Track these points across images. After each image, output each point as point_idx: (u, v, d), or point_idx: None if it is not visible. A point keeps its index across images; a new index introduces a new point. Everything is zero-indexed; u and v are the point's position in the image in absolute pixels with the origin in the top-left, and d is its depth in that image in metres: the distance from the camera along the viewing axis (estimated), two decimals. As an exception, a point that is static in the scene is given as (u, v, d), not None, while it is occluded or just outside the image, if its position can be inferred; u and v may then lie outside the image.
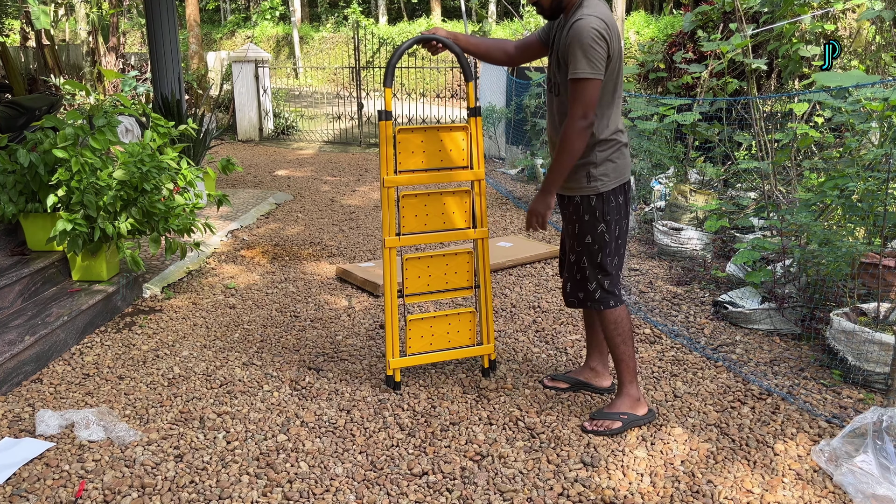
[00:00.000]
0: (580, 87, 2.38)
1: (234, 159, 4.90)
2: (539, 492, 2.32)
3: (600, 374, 2.96)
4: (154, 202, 3.85)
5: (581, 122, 2.41)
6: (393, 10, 24.87)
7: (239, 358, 3.35)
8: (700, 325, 3.69)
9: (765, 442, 2.59)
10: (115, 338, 3.59)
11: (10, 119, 4.61)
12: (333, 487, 2.35)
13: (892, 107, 3.50)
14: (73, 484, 2.37)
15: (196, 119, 6.98)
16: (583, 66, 2.36)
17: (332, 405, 2.89)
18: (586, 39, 2.34)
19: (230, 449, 2.58)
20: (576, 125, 2.42)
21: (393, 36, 19.27)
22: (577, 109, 2.41)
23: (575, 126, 2.42)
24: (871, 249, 3.26)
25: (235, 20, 24.28)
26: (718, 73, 6.47)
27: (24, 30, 14.91)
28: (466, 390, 3.01)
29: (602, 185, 2.54)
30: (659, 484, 2.36)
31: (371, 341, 3.54)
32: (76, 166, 3.57)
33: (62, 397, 2.97)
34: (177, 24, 6.47)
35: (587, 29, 2.35)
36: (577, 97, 2.40)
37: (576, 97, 2.41)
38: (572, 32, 2.39)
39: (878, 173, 3.36)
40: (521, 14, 17.50)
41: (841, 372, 3.07)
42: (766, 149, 4.81)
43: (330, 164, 9.17)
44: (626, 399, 2.69)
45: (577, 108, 2.41)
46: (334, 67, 17.74)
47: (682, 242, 4.76)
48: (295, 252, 5.10)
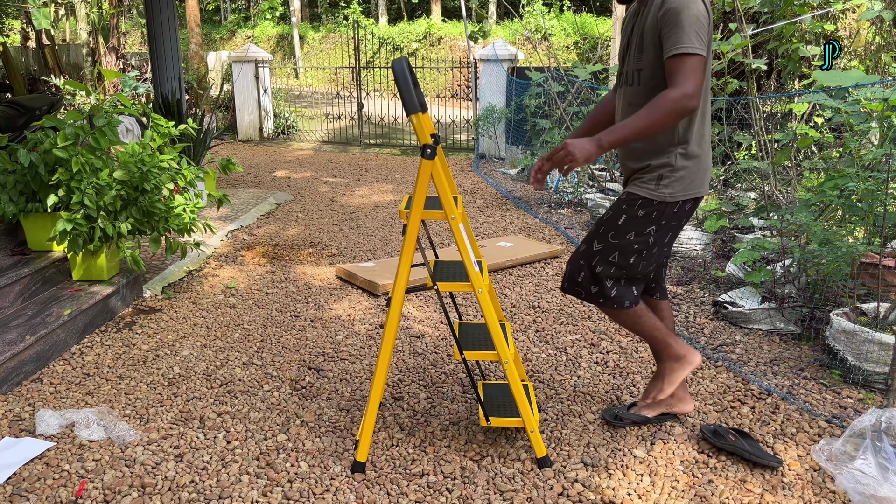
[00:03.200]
0: (687, 62, 2.03)
1: (234, 159, 4.90)
2: (539, 492, 2.32)
3: (682, 399, 2.67)
4: (154, 202, 3.85)
5: (684, 101, 2.04)
6: (393, 9, 24.87)
7: (239, 358, 3.35)
8: (700, 325, 3.69)
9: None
10: (116, 337, 3.59)
11: (10, 119, 4.62)
12: (333, 487, 2.35)
13: (892, 107, 3.50)
14: (73, 483, 2.37)
15: (196, 119, 6.99)
16: (690, 39, 2.03)
17: (332, 405, 2.89)
18: (693, 11, 2.05)
19: (230, 448, 2.58)
20: (677, 98, 2.03)
21: (393, 36, 19.27)
22: (686, 84, 2.04)
23: (676, 99, 2.04)
24: (871, 249, 3.27)
25: (235, 20, 24.28)
26: (718, 73, 6.47)
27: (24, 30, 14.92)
28: (466, 390, 3.01)
29: (671, 194, 2.25)
30: (659, 484, 2.36)
31: (371, 341, 3.55)
32: (76, 166, 3.58)
33: (62, 397, 2.97)
34: (177, 24, 6.47)
35: (693, 2, 2.06)
36: (683, 71, 2.04)
37: (682, 71, 2.05)
38: (673, 5, 2.07)
39: (878, 173, 3.36)
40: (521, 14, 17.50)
41: (841, 372, 3.07)
42: (766, 149, 4.81)
43: (330, 164, 9.17)
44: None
45: (686, 83, 2.04)
46: (334, 67, 17.74)
47: (682, 242, 4.76)
48: (295, 252, 5.10)
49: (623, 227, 2.30)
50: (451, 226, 2.28)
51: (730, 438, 2.50)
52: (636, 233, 2.29)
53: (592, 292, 2.38)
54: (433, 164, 2.24)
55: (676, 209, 2.28)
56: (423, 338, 3.57)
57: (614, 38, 9.46)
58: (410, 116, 2.21)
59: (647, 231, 2.28)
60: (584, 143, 2.10)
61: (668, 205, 2.26)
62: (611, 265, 2.33)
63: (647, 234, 2.28)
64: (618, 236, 2.30)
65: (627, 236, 2.29)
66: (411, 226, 2.29)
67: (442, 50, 18.69)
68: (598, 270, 2.34)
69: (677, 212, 2.29)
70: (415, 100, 2.19)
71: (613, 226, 2.31)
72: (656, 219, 2.27)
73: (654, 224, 2.28)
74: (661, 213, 2.27)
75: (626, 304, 2.38)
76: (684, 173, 2.25)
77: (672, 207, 2.27)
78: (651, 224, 2.28)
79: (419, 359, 3.33)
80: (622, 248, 2.31)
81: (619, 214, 2.31)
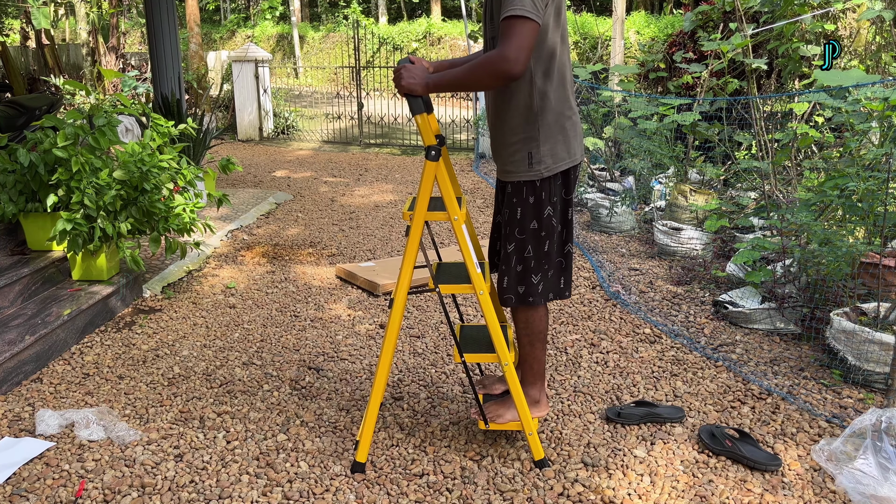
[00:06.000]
0: (512, 24, 1.99)
1: (234, 159, 4.90)
2: (539, 492, 2.32)
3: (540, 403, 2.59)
4: (154, 202, 3.85)
5: (500, 63, 2.00)
6: (393, 9, 24.86)
7: (239, 358, 3.35)
8: (700, 325, 3.69)
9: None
10: (115, 337, 3.59)
11: (10, 119, 4.62)
12: (333, 487, 2.35)
13: (892, 107, 3.50)
14: (73, 483, 2.37)
15: (196, 119, 6.99)
16: (523, 2, 1.98)
17: (332, 405, 2.89)
18: None
19: (230, 448, 2.58)
20: (498, 62, 2.00)
21: (393, 36, 19.27)
22: (506, 46, 1.99)
23: (497, 62, 2.00)
24: (871, 249, 3.26)
25: (235, 20, 24.27)
26: (718, 73, 6.48)
27: (24, 29, 14.91)
28: (466, 390, 3.01)
29: (546, 168, 2.26)
30: (659, 484, 2.36)
31: (371, 341, 3.54)
32: (76, 166, 3.57)
33: (62, 397, 2.97)
34: (177, 24, 6.47)
35: None
36: (506, 33, 2.00)
37: (505, 33, 2.00)
38: None
39: (878, 173, 3.36)
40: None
41: (841, 372, 3.07)
42: (766, 149, 4.81)
43: (330, 163, 9.17)
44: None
45: (506, 46, 1.99)
46: (334, 67, 17.73)
47: (682, 242, 4.76)
48: (295, 252, 5.10)
49: (523, 219, 2.31)
50: (453, 227, 2.28)
51: (727, 444, 2.51)
52: (536, 219, 2.31)
53: (520, 293, 2.38)
54: (437, 165, 2.24)
55: (559, 181, 2.31)
56: (424, 338, 3.57)
57: (614, 38, 9.45)
58: (415, 117, 2.21)
59: (544, 214, 2.30)
60: (418, 73, 2.18)
61: (548, 180, 2.28)
62: (528, 260, 2.34)
63: (546, 216, 2.31)
64: (524, 230, 2.32)
65: (531, 226, 2.31)
66: (415, 227, 2.29)
67: (442, 50, 18.68)
68: (518, 270, 2.36)
69: (561, 183, 2.32)
70: (420, 100, 2.20)
71: (515, 222, 2.33)
72: (546, 199, 2.29)
73: (547, 203, 2.30)
74: (547, 190, 2.29)
75: (551, 296, 2.39)
76: (551, 145, 2.26)
77: (555, 181, 2.29)
78: (545, 205, 2.30)
79: (419, 359, 3.33)
80: (531, 239, 2.33)
81: (515, 209, 2.32)
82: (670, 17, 15.22)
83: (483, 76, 2.06)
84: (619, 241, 5.37)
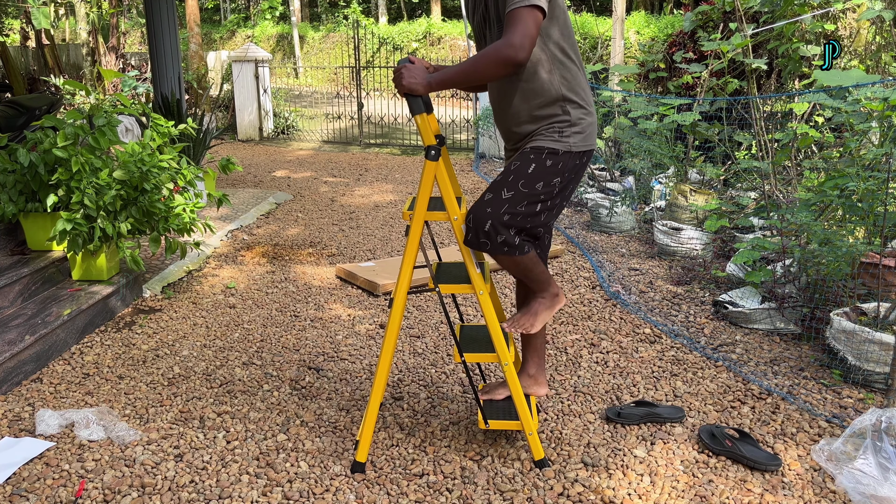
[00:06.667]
0: (517, 13, 2.03)
1: (234, 159, 4.90)
2: (539, 492, 2.32)
3: (539, 382, 2.63)
4: (154, 202, 3.85)
5: (506, 50, 2.03)
6: (393, 9, 24.86)
7: (239, 358, 3.35)
8: (700, 325, 3.69)
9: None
10: (115, 337, 3.59)
11: (10, 119, 4.62)
12: (333, 487, 2.35)
13: (892, 106, 3.50)
14: (73, 483, 2.37)
15: (196, 119, 6.98)
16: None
17: (332, 405, 2.89)
18: None
19: (230, 448, 2.58)
20: (503, 48, 2.03)
21: (393, 35, 19.27)
22: (511, 34, 2.03)
23: (502, 48, 2.04)
24: (871, 249, 3.27)
25: (235, 20, 24.27)
26: (718, 73, 6.48)
27: (24, 29, 14.92)
28: (466, 390, 3.01)
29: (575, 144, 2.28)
30: (659, 484, 2.36)
31: (371, 341, 3.55)
32: (76, 166, 3.57)
33: (62, 397, 2.97)
34: (177, 24, 6.47)
35: None
36: (511, 23, 2.04)
37: (510, 23, 2.04)
38: None
39: (878, 173, 3.36)
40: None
41: (841, 372, 3.07)
42: (766, 149, 4.81)
43: (330, 163, 9.17)
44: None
45: (511, 34, 2.03)
46: (334, 67, 17.74)
47: (682, 242, 4.76)
48: (295, 252, 5.10)
49: (533, 176, 2.28)
50: (453, 227, 2.29)
51: (727, 444, 2.50)
52: (544, 183, 2.29)
53: (498, 241, 2.30)
54: (437, 165, 2.24)
55: (578, 161, 2.32)
56: (423, 338, 3.57)
57: (614, 38, 9.45)
58: (415, 116, 2.21)
59: (553, 182, 2.29)
60: (418, 72, 2.17)
61: (571, 155, 2.29)
62: (517, 214, 2.29)
63: (553, 184, 2.29)
64: (528, 185, 2.28)
65: (536, 185, 2.28)
66: (414, 227, 2.29)
67: (442, 49, 18.68)
68: (505, 219, 2.28)
69: (578, 164, 2.33)
70: (420, 100, 2.20)
71: (524, 174, 2.28)
72: (561, 170, 2.29)
73: (560, 175, 2.29)
74: (565, 164, 2.29)
75: (526, 249, 2.36)
76: (581, 126, 2.30)
77: (574, 159, 2.31)
78: (557, 175, 2.29)
79: (419, 359, 3.33)
80: (530, 197, 2.29)
81: (529, 164, 2.29)
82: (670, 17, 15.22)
83: (489, 64, 2.08)
84: (619, 241, 5.37)
